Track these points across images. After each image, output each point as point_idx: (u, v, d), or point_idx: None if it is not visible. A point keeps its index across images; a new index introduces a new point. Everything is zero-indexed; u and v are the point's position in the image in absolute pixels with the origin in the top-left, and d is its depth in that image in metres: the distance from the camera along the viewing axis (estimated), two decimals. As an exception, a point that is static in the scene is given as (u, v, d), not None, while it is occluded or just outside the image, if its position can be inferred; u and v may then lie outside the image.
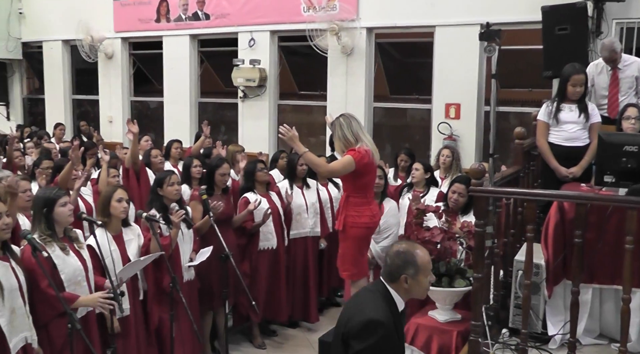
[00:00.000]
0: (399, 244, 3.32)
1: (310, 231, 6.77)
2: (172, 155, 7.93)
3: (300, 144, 4.97)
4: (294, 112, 11.09)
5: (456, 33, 8.80)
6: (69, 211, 4.27)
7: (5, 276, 3.68)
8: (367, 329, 3.07)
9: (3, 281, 3.65)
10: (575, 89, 5.30)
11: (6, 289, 3.66)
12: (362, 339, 3.07)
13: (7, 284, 3.67)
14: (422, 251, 3.21)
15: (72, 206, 4.33)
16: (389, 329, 3.09)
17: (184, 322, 5.12)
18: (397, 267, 3.17)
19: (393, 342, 3.13)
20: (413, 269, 3.14)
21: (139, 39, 12.52)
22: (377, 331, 3.06)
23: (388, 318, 3.11)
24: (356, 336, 3.10)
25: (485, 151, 8.56)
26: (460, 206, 5.22)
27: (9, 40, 13.97)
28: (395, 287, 3.20)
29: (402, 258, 3.17)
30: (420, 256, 3.17)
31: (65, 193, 4.39)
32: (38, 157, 7.14)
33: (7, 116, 14.82)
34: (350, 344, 3.12)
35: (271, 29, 10.56)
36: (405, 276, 3.15)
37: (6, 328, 3.64)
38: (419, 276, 3.16)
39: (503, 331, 4.24)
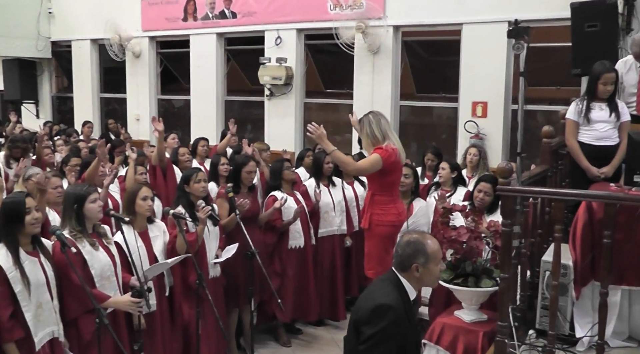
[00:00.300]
0: (409, 234, 3.34)
1: (338, 229, 6.78)
2: (199, 153, 7.98)
3: (328, 142, 4.97)
4: (320, 110, 11.08)
5: (483, 31, 8.72)
6: (98, 207, 4.32)
7: (32, 271, 3.73)
8: (377, 314, 3.10)
9: (30, 276, 3.70)
10: (606, 87, 5.22)
11: (33, 284, 3.71)
12: (373, 324, 3.09)
13: (34, 279, 3.72)
14: (432, 240, 3.27)
15: (101, 203, 4.38)
16: (398, 314, 3.11)
17: (210, 319, 5.15)
18: (408, 256, 3.22)
19: (404, 329, 3.14)
20: (424, 258, 3.20)
21: (166, 38, 12.60)
22: (387, 315, 3.08)
23: (398, 303, 3.14)
24: (367, 322, 3.12)
25: (512, 149, 8.49)
26: (486, 205, 5.17)
27: (39, 39, 14.14)
28: (406, 276, 3.24)
29: (412, 247, 3.22)
30: (430, 245, 3.22)
31: (95, 190, 4.44)
32: (66, 154, 7.22)
33: (36, 114, 15.02)
34: (362, 330, 3.14)
35: (298, 27, 10.55)
36: (417, 265, 3.20)
37: (31, 322, 3.69)
38: (430, 264, 3.20)
39: (530, 333, 4.20)
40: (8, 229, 3.72)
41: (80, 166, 6.40)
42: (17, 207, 3.74)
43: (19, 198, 3.84)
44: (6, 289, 3.61)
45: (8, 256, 3.65)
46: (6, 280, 3.61)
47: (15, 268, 3.64)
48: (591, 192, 4.17)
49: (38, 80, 15.01)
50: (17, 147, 7.60)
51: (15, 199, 3.82)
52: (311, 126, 4.98)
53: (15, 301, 3.64)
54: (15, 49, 13.90)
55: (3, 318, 3.58)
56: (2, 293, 3.60)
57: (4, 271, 3.61)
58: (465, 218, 4.75)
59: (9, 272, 3.62)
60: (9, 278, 3.61)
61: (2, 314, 3.58)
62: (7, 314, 3.59)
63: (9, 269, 3.62)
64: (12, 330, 3.61)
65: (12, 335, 3.61)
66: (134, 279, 4.43)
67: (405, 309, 3.17)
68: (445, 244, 4.55)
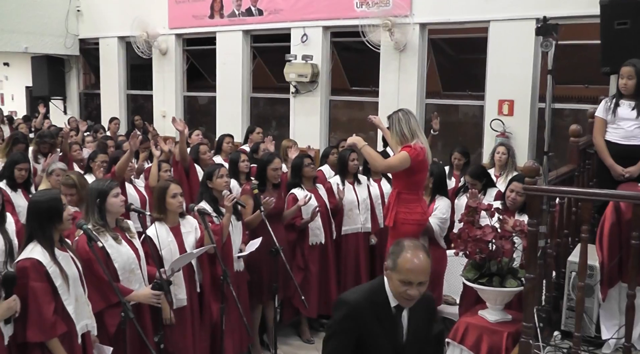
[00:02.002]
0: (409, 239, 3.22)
1: (362, 227, 6.76)
2: (224, 149, 8.02)
3: (359, 139, 4.98)
4: (346, 108, 11.07)
5: (511, 28, 8.64)
6: (120, 201, 4.36)
7: (67, 265, 3.77)
8: (335, 306, 3.14)
9: (67, 270, 3.74)
10: (622, 81, 5.12)
11: (70, 277, 3.75)
12: (332, 316, 3.16)
13: (70, 273, 3.77)
14: (412, 255, 3.02)
15: (124, 197, 4.41)
16: (356, 312, 3.06)
17: (234, 314, 5.18)
18: (388, 255, 3.13)
19: (362, 327, 3.07)
20: (392, 263, 3.05)
21: (192, 35, 12.67)
22: (341, 309, 3.09)
23: (360, 301, 3.08)
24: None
25: (539, 148, 8.41)
26: (518, 205, 5.12)
27: (67, 37, 14.33)
28: (387, 277, 3.13)
29: (393, 248, 3.11)
30: (404, 256, 3.02)
31: (117, 184, 4.47)
32: (93, 150, 7.29)
33: (64, 110, 15.21)
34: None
35: (324, 25, 10.54)
36: (386, 265, 3.11)
37: (73, 315, 3.75)
38: (394, 273, 3.03)
39: (555, 334, 4.16)
40: (45, 226, 3.73)
41: (108, 162, 6.46)
42: (57, 204, 3.77)
43: (57, 195, 3.88)
44: (47, 285, 3.64)
45: (45, 253, 3.67)
46: (47, 275, 3.64)
47: (54, 263, 3.68)
48: (619, 192, 4.11)
49: (66, 77, 15.21)
50: (45, 143, 7.71)
51: (54, 196, 3.84)
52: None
53: (55, 297, 3.68)
54: (44, 46, 14.10)
55: (47, 314, 3.59)
56: (44, 288, 3.62)
57: (44, 266, 3.64)
58: (490, 217, 4.71)
59: (48, 267, 3.65)
60: (49, 273, 3.64)
61: (45, 310, 3.60)
62: (51, 310, 3.62)
63: (48, 265, 3.65)
64: (56, 326, 3.63)
65: (56, 331, 3.63)
66: (162, 271, 4.47)
67: (374, 310, 3.08)
68: (471, 243, 4.51)
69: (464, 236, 4.58)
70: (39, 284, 3.61)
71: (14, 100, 17.45)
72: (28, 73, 15.41)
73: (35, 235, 3.73)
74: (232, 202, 5.17)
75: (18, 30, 13.45)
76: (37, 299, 3.59)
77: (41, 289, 3.61)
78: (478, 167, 6.44)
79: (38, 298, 3.59)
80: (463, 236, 4.59)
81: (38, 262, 3.63)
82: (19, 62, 16.22)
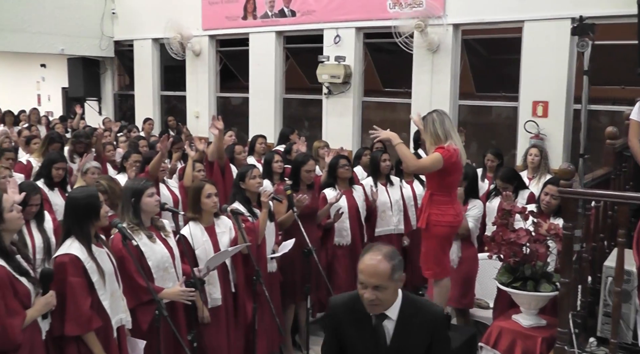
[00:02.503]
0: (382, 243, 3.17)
1: (395, 229, 6.74)
2: (257, 150, 8.05)
3: (395, 135, 4.96)
4: (378, 109, 11.05)
5: (546, 28, 8.55)
6: (155, 201, 4.41)
7: (103, 261, 3.84)
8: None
9: (103, 266, 3.81)
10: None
11: (106, 273, 3.82)
12: None
13: (106, 268, 3.83)
14: (369, 256, 2.97)
15: (158, 197, 4.45)
16: (334, 314, 3.18)
17: (266, 314, 5.20)
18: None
19: (342, 331, 3.14)
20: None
21: (225, 36, 12.75)
22: (327, 308, 3.34)
23: (340, 305, 3.16)
24: None
25: (574, 151, 8.30)
26: (553, 208, 5.05)
27: (102, 39, 14.55)
28: None
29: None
30: (362, 257, 3.00)
31: (152, 184, 4.52)
32: (127, 150, 7.38)
33: (99, 111, 15.43)
34: None
35: (357, 26, 10.54)
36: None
37: (109, 310, 3.82)
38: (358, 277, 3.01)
39: (590, 340, 4.09)
40: (83, 222, 3.81)
41: (141, 161, 6.53)
42: (95, 201, 3.85)
43: (94, 192, 3.96)
44: (84, 280, 3.72)
45: (82, 249, 3.75)
46: (84, 271, 3.72)
47: (91, 259, 3.75)
48: (657, 196, 4.04)
49: (101, 78, 15.43)
50: (81, 143, 7.83)
51: (92, 193, 3.92)
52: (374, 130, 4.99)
53: (92, 292, 3.75)
54: (80, 48, 14.33)
55: (84, 308, 3.68)
56: (81, 283, 3.70)
57: (82, 262, 3.72)
58: (525, 220, 4.66)
59: (85, 263, 3.73)
60: (87, 269, 3.72)
61: (82, 304, 3.68)
62: (87, 305, 3.70)
63: (85, 260, 3.73)
64: (92, 320, 3.71)
65: (92, 325, 3.71)
66: (196, 270, 4.52)
67: (353, 315, 3.07)
68: (504, 247, 4.47)
69: (497, 239, 4.54)
70: (76, 280, 3.69)
71: (50, 101, 17.71)
72: (64, 74, 15.65)
73: (73, 231, 3.80)
74: (269, 198, 5.20)
75: (55, 32, 13.69)
76: (74, 294, 3.67)
77: (78, 284, 3.69)
78: (509, 170, 6.37)
79: (75, 293, 3.67)
80: (497, 239, 4.55)
81: (76, 258, 3.71)
82: (55, 63, 16.47)
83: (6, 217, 3.49)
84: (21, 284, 3.47)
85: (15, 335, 3.35)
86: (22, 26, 13.21)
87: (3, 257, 3.43)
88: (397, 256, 3.01)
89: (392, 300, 3.03)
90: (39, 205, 4.61)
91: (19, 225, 3.66)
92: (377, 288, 2.94)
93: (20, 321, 3.39)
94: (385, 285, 2.93)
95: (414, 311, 3.06)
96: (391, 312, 3.04)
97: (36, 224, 4.61)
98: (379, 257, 2.94)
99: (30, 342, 3.49)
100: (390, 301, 3.02)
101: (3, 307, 3.33)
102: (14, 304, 3.40)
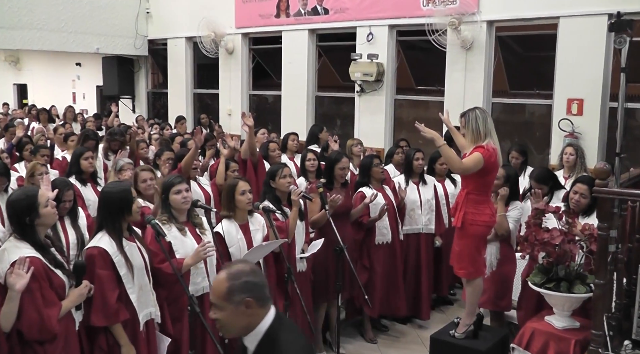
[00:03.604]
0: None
1: (424, 228, 6.70)
2: (289, 148, 8.06)
3: (439, 136, 4.92)
4: (411, 107, 10.99)
5: (582, 24, 8.42)
6: (182, 198, 4.41)
7: (133, 255, 3.90)
8: None
9: (132, 260, 3.87)
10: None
11: (135, 267, 3.88)
12: None
13: (135, 262, 3.89)
14: (220, 272, 2.69)
15: (186, 194, 4.46)
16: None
17: (297, 312, 5.20)
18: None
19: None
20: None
21: (259, 34, 12.81)
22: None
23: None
24: None
25: (609, 149, 8.17)
26: (582, 207, 4.96)
27: (137, 38, 14.74)
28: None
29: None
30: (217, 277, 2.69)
31: (183, 181, 4.54)
32: (159, 148, 7.44)
33: (132, 109, 15.62)
34: None
35: (390, 24, 10.50)
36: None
37: (136, 304, 3.88)
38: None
39: (625, 343, 4.02)
40: (114, 217, 3.88)
41: (174, 159, 6.58)
42: (127, 196, 3.91)
43: (127, 187, 4.02)
44: (112, 273, 3.79)
45: (112, 242, 3.82)
46: (112, 264, 3.79)
47: (120, 253, 3.81)
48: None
49: (135, 76, 15.64)
50: (115, 140, 7.92)
51: (125, 188, 3.98)
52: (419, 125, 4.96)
53: (120, 285, 3.82)
54: (115, 47, 14.54)
55: (111, 301, 3.75)
56: (108, 276, 3.77)
57: (110, 255, 3.78)
58: (559, 220, 4.59)
59: (114, 256, 3.79)
60: (115, 262, 3.78)
61: (109, 296, 3.75)
62: (114, 297, 3.77)
63: (114, 254, 3.79)
64: (119, 312, 3.78)
65: (119, 317, 3.78)
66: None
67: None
68: (538, 247, 4.42)
69: (530, 238, 4.49)
70: (104, 272, 3.76)
71: (85, 99, 17.98)
72: (99, 73, 15.87)
73: (105, 225, 3.88)
74: (300, 196, 5.20)
75: (90, 32, 13.92)
76: (101, 286, 3.74)
77: (106, 276, 3.76)
78: (543, 170, 6.25)
79: (103, 285, 3.74)
80: (530, 238, 4.49)
81: (105, 251, 3.78)
82: (90, 62, 16.71)
83: (42, 212, 3.57)
84: (56, 276, 3.56)
85: (53, 325, 3.44)
86: (59, 26, 13.45)
87: (39, 250, 3.52)
88: (247, 277, 2.62)
89: (237, 325, 2.64)
90: (72, 201, 4.68)
91: (53, 220, 3.74)
92: (215, 306, 2.64)
93: (56, 311, 3.48)
94: (220, 305, 2.61)
95: (270, 351, 2.63)
96: (249, 342, 2.66)
97: (70, 220, 4.68)
98: (222, 275, 2.64)
99: (65, 332, 3.58)
100: (235, 326, 2.64)
101: (40, 298, 3.42)
102: (51, 295, 3.49)
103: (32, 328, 3.40)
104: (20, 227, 3.55)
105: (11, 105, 17.91)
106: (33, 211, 3.54)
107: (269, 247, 4.79)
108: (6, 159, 6.97)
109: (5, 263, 3.41)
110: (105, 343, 3.81)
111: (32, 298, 3.36)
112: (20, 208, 3.54)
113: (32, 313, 3.38)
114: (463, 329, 5.08)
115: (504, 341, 5.17)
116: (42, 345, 3.46)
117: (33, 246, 3.51)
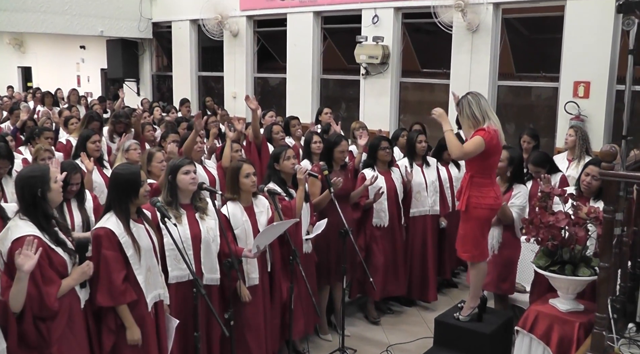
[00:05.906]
0: None
1: (430, 210, 6.71)
2: (292, 132, 8.03)
3: (448, 121, 4.90)
4: (416, 90, 10.96)
5: (589, 5, 8.36)
6: (190, 179, 4.41)
7: (140, 237, 3.90)
8: None
9: (140, 241, 3.87)
10: None
11: (143, 248, 3.88)
12: None
13: (143, 244, 3.89)
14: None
15: (194, 175, 4.46)
16: None
17: (302, 294, 5.22)
18: None
19: None
20: None
21: (263, 17, 12.75)
22: None
23: None
24: None
25: (616, 132, 8.14)
26: (594, 190, 4.92)
27: (141, 20, 14.72)
28: None
29: None
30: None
31: (191, 163, 4.54)
32: (165, 130, 7.43)
33: (137, 92, 15.61)
34: None
35: (395, 6, 10.45)
36: None
37: (143, 285, 3.88)
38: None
39: (629, 326, 4.01)
40: (122, 199, 3.88)
41: (179, 141, 6.57)
42: (135, 178, 3.91)
43: (137, 169, 4.01)
44: (119, 254, 3.79)
45: (119, 224, 3.82)
46: (119, 245, 3.79)
47: (127, 234, 3.81)
48: (702, 179, 3.92)
49: (139, 59, 15.62)
50: (120, 123, 7.93)
51: (133, 171, 3.97)
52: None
53: (127, 266, 3.82)
54: (119, 30, 14.50)
55: (117, 281, 3.75)
56: (115, 257, 3.77)
57: (117, 236, 3.78)
58: (564, 203, 4.57)
59: (121, 237, 3.79)
60: (121, 243, 3.79)
61: (115, 277, 3.75)
62: (120, 278, 3.77)
63: (120, 235, 3.79)
64: (125, 293, 3.78)
65: (125, 298, 3.78)
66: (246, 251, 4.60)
67: None
68: (543, 230, 4.40)
69: (536, 221, 4.46)
70: (110, 253, 3.76)
71: (89, 82, 17.97)
72: (103, 56, 15.86)
73: (113, 206, 3.89)
74: (305, 174, 5.20)
75: (94, 14, 13.89)
76: (108, 266, 3.74)
77: (112, 257, 3.76)
78: (540, 154, 6.24)
79: (109, 266, 3.74)
80: (535, 221, 4.47)
81: (111, 232, 3.78)
82: (94, 45, 16.69)
83: (52, 186, 3.60)
84: (56, 254, 3.56)
85: (52, 302, 3.45)
86: (63, 8, 13.41)
87: (41, 229, 3.53)
88: None
89: None
90: (80, 184, 4.68)
91: (59, 198, 3.74)
92: None
93: (55, 289, 3.49)
94: None
95: None
96: None
97: (77, 203, 4.70)
98: None
99: (68, 310, 3.59)
100: None
101: (39, 275, 3.43)
102: (50, 273, 3.50)
103: (33, 303, 3.42)
104: (31, 201, 3.55)
105: (15, 88, 17.90)
106: (45, 184, 3.56)
107: (281, 227, 4.77)
108: (11, 141, 6.97)
109: (8, 241, 3.44)
110: (114, 323, 3.82)
111: (30, 276, 3.35)
112: (34, 180, 3.55)
113: (31, 289, 3.39)
114: (467, 312, 5.08)
115: (508, 324, 5.17)
116: (44, 322, 3.49)
117: (36, 225, 3.52)
